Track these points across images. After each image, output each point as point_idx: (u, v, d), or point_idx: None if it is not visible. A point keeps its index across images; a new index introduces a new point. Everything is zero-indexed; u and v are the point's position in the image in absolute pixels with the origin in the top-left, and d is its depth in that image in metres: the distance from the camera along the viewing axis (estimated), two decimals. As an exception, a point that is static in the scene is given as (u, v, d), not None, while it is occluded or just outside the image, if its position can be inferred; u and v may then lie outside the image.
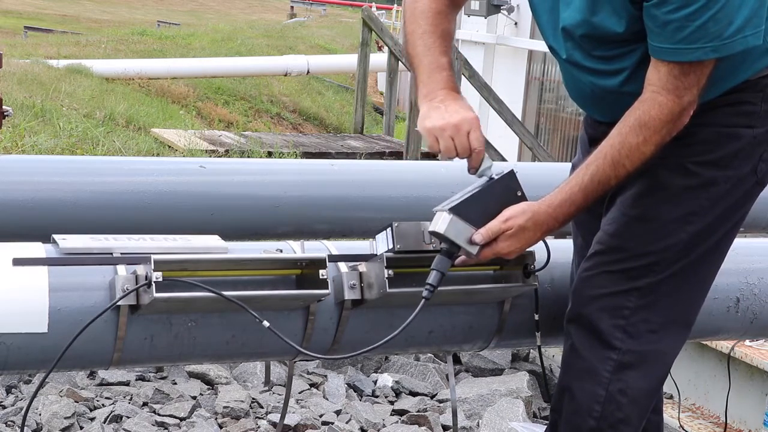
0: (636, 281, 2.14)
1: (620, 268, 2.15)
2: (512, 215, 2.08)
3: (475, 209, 2.09)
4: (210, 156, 9.72)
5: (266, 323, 2.00)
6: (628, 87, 2.10)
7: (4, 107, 4.66)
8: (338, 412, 3.92)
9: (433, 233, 2.11)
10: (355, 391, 4.24)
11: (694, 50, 1.93)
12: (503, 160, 9.48)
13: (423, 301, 2.07)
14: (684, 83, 1.98)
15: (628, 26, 2.01)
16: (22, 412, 3.55)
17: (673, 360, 2.23)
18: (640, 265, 2.14)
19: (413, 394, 4.28)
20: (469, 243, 2.07)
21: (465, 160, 2.15)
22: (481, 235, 2.07)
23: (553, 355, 4.70)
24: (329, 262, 2.11)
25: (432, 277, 2.08)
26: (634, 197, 2.16)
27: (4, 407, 3.68)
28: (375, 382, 4.35)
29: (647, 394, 2.19)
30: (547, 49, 2.28)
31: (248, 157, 9.49)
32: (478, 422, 3.96)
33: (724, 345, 4.35)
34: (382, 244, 2.17)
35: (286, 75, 16.23)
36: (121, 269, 2.02)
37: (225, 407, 3.79)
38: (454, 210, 2.08)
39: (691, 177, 2.10)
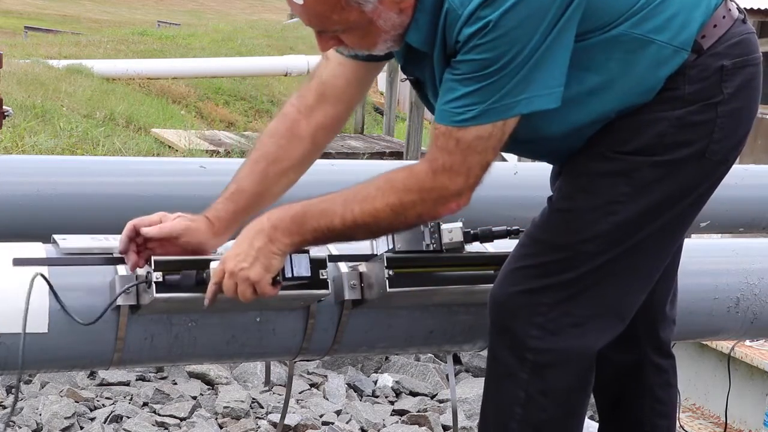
0: (555, 276, 1.99)
1: (536, 263, 2.02)
2: None
3: None
4: (210, 156, 9.72)
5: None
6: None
7: (4, 107, 4.67)
8: (338, 412, 3.91)
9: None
10: (355, 391, 4.24)
11: (460, 112, 1.82)
12: (503, 160, 9.48)
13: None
14: (446, 160, 1.86)
15: None
16: (23, 411, 3.55)
17: (596, 352, 2.07)
18: (558, 259, 2.00)
19: (413, 394, 4.28)
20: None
21: None
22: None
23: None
24: (329, 262, 2.10)
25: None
26: (559, 188, 2.06)
27: (4, 407, 3.67)
28: (375, 382, 4.35)
29: (573, 391, 2.07)
30: None
31: (248, 157, 9.47)
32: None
33: (724, 345, 4.34)
34: (382, 244, 2.17)
35: (286, 75, 16.22)
36: (121, 269, 2.02)
37: (225, 407, 3.79)
38: None
39: (609, 163, 1.98)
